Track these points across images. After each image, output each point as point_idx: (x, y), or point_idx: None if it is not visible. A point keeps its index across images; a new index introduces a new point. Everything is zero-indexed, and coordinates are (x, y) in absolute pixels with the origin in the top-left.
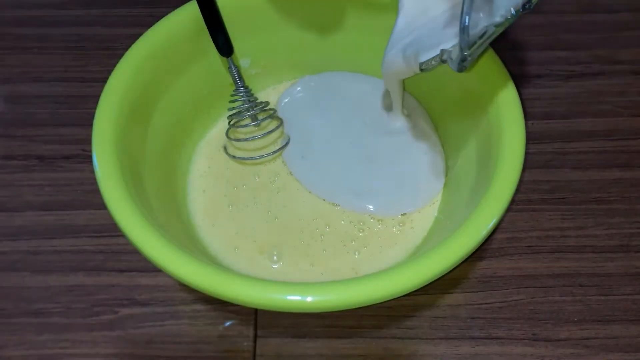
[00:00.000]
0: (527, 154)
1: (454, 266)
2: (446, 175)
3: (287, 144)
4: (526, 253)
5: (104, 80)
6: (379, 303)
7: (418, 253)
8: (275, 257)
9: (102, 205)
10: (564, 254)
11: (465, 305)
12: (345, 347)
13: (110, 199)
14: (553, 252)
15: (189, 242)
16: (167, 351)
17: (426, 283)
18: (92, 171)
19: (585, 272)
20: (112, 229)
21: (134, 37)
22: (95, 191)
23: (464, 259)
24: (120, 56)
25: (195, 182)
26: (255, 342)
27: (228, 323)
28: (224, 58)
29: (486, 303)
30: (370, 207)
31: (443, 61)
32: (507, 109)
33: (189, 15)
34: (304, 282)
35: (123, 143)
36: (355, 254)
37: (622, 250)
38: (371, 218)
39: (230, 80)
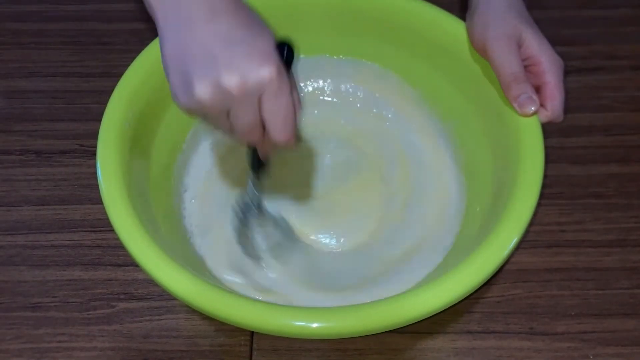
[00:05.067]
0: None
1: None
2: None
3: None
4: (524, 247)
5: (100, 75)
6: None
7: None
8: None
9: (98, 200)
10: (562, 249)
11: (463, 299)
12: (342, 341)
13: (122, 233)
14: (551, 247)
15: (186, 251)
16: (164, 345)
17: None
18: (89, 166)
19: (583, 266)
20: (109, 224)
21: (131, 33)
22: (92, 186)
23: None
24: (117, 51)
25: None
26: (252, 335)
27: None
28: None
29: (484, 297)
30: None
31: None
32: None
33: None
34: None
35: (128, 165)
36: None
37: (620, 245)
38: None
39: None
